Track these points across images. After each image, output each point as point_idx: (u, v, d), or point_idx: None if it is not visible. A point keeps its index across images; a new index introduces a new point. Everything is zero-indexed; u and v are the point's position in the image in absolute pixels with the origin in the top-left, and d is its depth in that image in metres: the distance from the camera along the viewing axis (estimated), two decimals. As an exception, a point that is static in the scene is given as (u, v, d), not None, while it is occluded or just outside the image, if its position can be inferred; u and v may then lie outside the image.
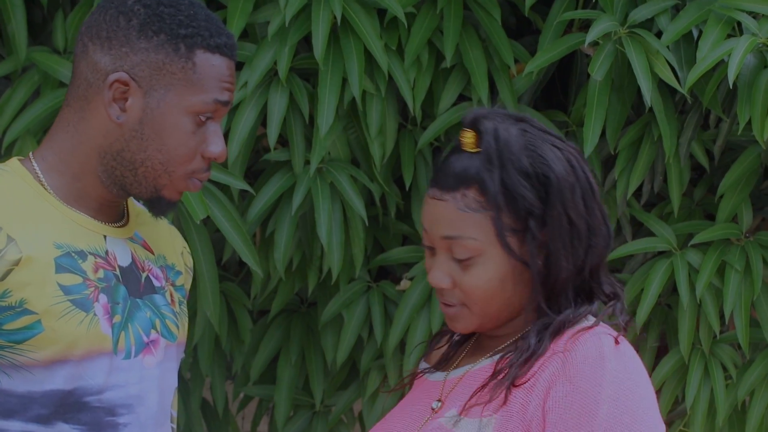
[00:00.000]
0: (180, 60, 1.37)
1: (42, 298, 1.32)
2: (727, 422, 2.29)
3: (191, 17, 1.38)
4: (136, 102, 1.36)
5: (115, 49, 1.36)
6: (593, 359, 1.35)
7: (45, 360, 1.33)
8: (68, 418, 1.34)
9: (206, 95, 1.38)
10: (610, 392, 1.33)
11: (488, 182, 1.38)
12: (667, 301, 2.27)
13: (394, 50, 2.07)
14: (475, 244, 1.40)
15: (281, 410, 2.29)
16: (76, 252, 1.37)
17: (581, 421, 1.32)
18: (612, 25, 1.98)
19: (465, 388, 1.47)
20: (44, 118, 2.06)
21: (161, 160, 1.38)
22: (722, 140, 2.17)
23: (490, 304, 1.43)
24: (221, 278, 2.23)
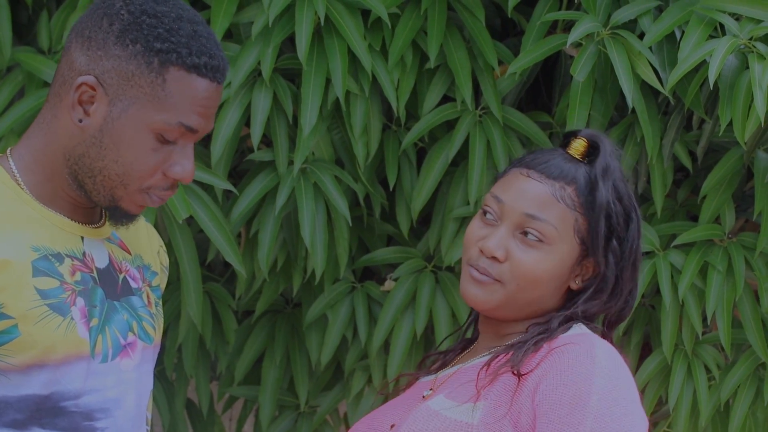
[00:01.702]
0: (150, 74, 1.32)
1: (19, 303, 1.30)
2: (710, 423, 2.29)
3: (172, 31, 1.33)
4: (99, 108, 1.32)
5: (92, 51, 1.33)
6: (584, 356, 1.40)
7: (21, 365, 1.31)
8: (45, 423, 1.33)
9: (170, 116, 1.32)
10: (601, 385, 1.37)
11: (600, 189, 1.47)
12: (651, 302, 2.28)
13: (378, 51, 2.07)
14: (554, 232, 1.46)
15: (266, 411, 2.29)
16: (53, 255, 1.35)
17: (572, 411, 1.35)
18: (594, 26, 1.99)
19: (456, 380, 1.50)
20: (28, 118, 2.06)
21: (117, 172, 1.34)
22: (705, 141, 2.17)
23: (528, 290, 1.48)
24: (206, 279, 2.23)
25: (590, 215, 1.47)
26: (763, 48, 1.94)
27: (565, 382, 1.37)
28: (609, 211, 1.48)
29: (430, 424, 1.41)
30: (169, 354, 2.28)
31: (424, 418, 1.43)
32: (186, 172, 1.35)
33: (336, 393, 2.33)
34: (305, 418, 2.34)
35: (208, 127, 1.37)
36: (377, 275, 2.34)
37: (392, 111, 2.13)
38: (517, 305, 1.49)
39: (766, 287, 2.15)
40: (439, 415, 1.42)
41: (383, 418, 1.54)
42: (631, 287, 1.53)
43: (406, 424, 1.44)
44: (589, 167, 1.49)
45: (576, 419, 1.34)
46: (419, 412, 1.44)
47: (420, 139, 2.18)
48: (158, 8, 1.33)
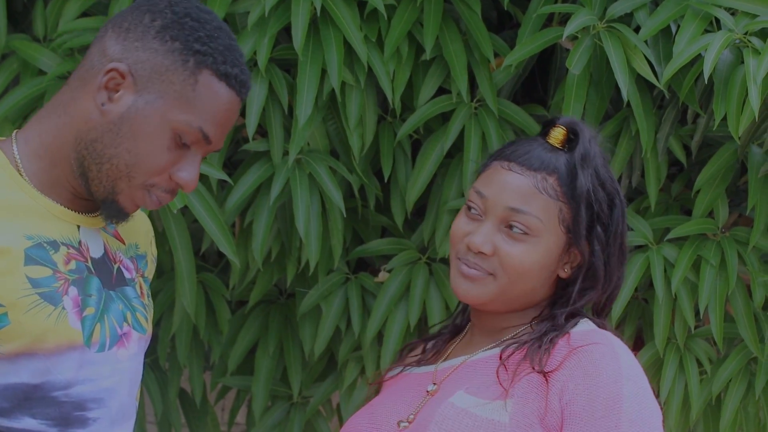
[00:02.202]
0: (184, 72, 1.34)
1: (9, 291, 1.30)
2: (701, 417, 2.30)
3: (211, 38, 1.35)
4: (125, 96, 1.34)
5: (129, 42, 1.34)
6: (609, 356, 1.42)
7: (9, 353, 1.31)
8: (35, 413, 1.32)
9: (193, 118, 1.34)
10: (631, 388, 1.40)
11: (580, 177, 1.47)
12: (644, 295, 2.29)
13: (373, 42, 2.07)
14: (538, 224, 1.47)
15: (259, 401, 2.29)
16: (48, 242, 1.35)
17: (606, 414, 1.38)
18: (590, 19, 1.99)
19: (466, 374, 1.49)
20: (23, 106, 2.06)
21: (127, 162, 1.35)
22: (699, 136, 2.18)
23: (519, 284, 1.49)
24: (200, 269, 2.23)
25: (573, 204, 1.47)
26: (758, 43, 1.95)
27: (596, 383, 1.39)
28: (591, 198, 1.48)
29: (462, 423, 1.41)
30: (162, 343, 2.28)
31: (454, 417, 1.42)
32: (191, 180, 1.37)
33: (329, 384, 2.34)
34: (298, 409, 2.35)
35: (219, 144, 1.39)
36: (371, 266, 2.35)
37: (387, 102, 2.13)
38: (509, 298, 1.50)
39: (758, 282, 2.16)
40: (469, 413, 1.42)
41: (384, 414, 1.52)
42: (620, 273, 1.54)
43: (434, 423, 1.42)
44: (570, 155, 1.49)
45: (612, 422, 1.37)
46: (445, 410, 1.43)
47: (415, 131, 2.18)
48: (201, 15, 1.36)
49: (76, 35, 2.06)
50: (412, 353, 1.65)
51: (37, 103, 2.07)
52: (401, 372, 1.61)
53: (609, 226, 1.50)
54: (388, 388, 1.61)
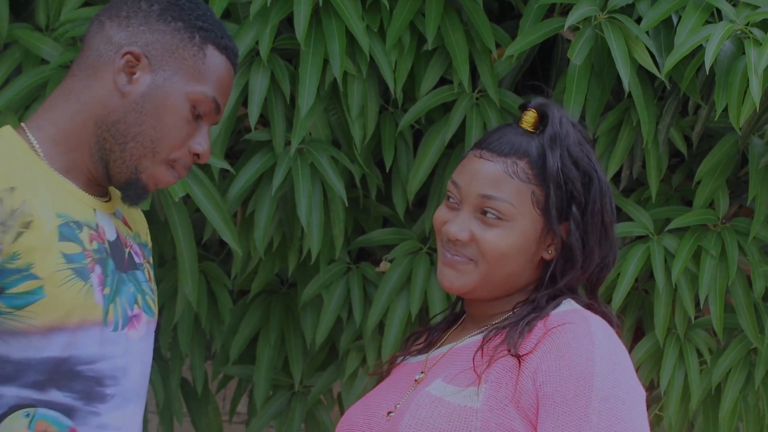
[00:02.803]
0: (193, 48, 1.43)
1: (46, 264, 1.35)
2: (701, 407, 2.31)
3: (207, 16, 1.46)
4: (143, 77, 1.42)
5: (133, 27, 1.43)
6: (582, 336, 1.41)
7: (43, 327, 1.35)
8: (62, 386, 1.37)
9: (207, 89, 1.44)
10: (603, 367, 1.39)
11: (548, 158, 1.47)
12: (645, 286, 2.29)
13: (375, 32, 2.07)
14: (510, 209, 1.47)
15: (260, 390, 2.30)
16: (73, 222, 1.40)
17: (578, 394, 1.37)
18: (592, 10, 1.99)
19: (449, 362, 1.50)
20: (25, 95, 2.06)
21: (152, 138, 1.42)
22: (700, 127, 2.18)
23: (500, 268, 1.49)
24: (202, 258, 2.24)
25: (545, 185, 1.48)
26: (760, 34, 1.95)
27: (568, 364, 1.39)
28: (561, 178, 1.48)
29: (435, 411, 1.42)
30: (164, 333, 2.28)
31: (427, 404, 1.43)
32: (205, 149, 1.46)
33: (330, 373, 2.35)
34: (299, 398, 2.35)
35: (223, 110, 1.48)
36: (373, 256, 2.35)
37: (389, 92, 2.13)
38: (492, 283, 1.50)
39: (758, 272, 2.16)
40: (443, 401, 1.43)
41: (376, 405, 1.53)
42: (607, 251, 1.52)
43: (409, 412, 1.44)
44: (540, 137, 1.50)
45: (583, 402, 1.37)
46: (421, 398, 1.45)
47: (417, 121, 2.18)
48: (195, 1, 1.47)
49: (78, 24, 2.06)
50: (417, 342, 1.66)
51: (39, 92, 2.07)
52: (402, 362, 1.62)
53: (586, 204, 1.49)
54: (388, 378, 1.62)
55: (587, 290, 1.55)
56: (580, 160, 1.50)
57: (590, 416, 1.36)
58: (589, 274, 1.53)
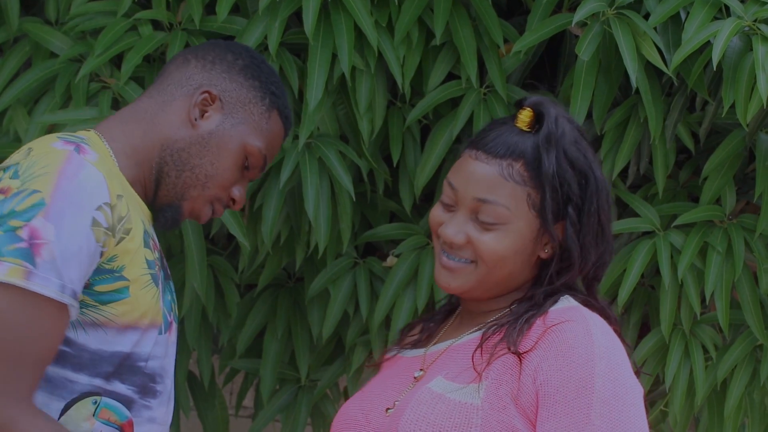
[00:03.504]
0: (262, 107, 1.57)
1: (135, 268, 1.44)
2: (706, 403, 2.31)
3: (279, 86, 1.61)
4: (214, 116, 1.54)
5: (216, 72, 1.56)
6: (582, 335, 1.42)
7: (121, 323, 1.43)
8: (125, 379, 1.45)
9: (263, 146, 1.57)
10: (603, 367, 1.39)
11: (544, 160, 1.46)
12: (651, 282, 2.30)
13: (384, 27, 2.08)
14: (506, 212, 1.47)
15: (267, 384, 2.30)
16: (146, 231, 1.50)
17: (578, 395, 1.38)
18: (600, 6, 1.99)
19: (449, 359, 1.50)
20: (35, 89, 2.08)
21: (207, 173, 1.53)
22: (708, 123, 2.18)
23: (497, 270, 1.49)
24: (209, 252, 2.24)
25: (540, 188, 1.46)
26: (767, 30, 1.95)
27: (568, 364, 1.39)
28: (556, 180, 1.46)
29: (436, 408, 1.42)
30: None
31: (429, 401, 1.43)
32: (241, 196, 1.58)
33: (336, 367, 2.35)
34: (305, 392, 2.36)
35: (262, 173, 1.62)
36: (379, 251, 2.36)
37: (397, 87, 2.13)
38: (489, 284, 1.50)
39: (765, 269, 2.17)
40: (444, 397, 1.43)
41: (374, 400, 1.53)
42: (603, 249, 1.51)
43: (409, 408, 1.44)
44: (536, 137, 1.47)
45: (584, 403, 1.37)
46: (422, 395, 1.45)
47: (424, 116, 2.19)
48: (270, 66, 1.63)
49: (88, 18, 2.07)
50: (411, 333, 1.66)
51: (48, 86, 2.08)
52: (397, 354, 1.62)
53: (582, 205, 1.48)
54: (383, 372, 1.62)
55: (585, 286, 1.55)
56: (576, 160, 1.48)
57: (592, 418, 1.36)
58: (586, 272, 1.53)
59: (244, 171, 1.57)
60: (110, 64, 2.08)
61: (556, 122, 1.48)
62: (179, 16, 2.08)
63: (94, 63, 2.00)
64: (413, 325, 1.67)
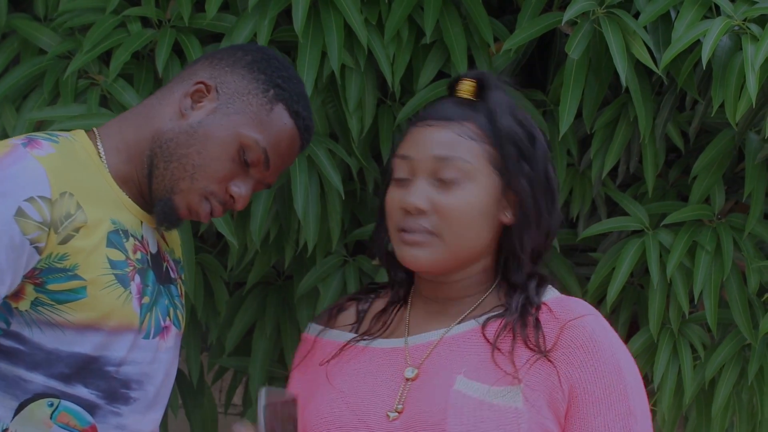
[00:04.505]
0: (263, 99, 1.50)
1: (92, 268, 1.41)
2: (694, 402, 2.32)
3: (291, 80, 1.53)
4: (207, 106, 1.49)
5: (219, 67, 1.52)
6: (600, 329, 1.47)
7: (79, 323, 1.40)
8: (88, 383, 1.42)
9: (261, 138, 1.49)
10: (625, 360, 1.47)
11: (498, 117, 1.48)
12: (640, 281, 2.30)
13: (374, 25, 2.08)
14: (468, 166, 1.47)
15: (256, 382, 2.30)
16: (122, 230, 1.47)
17: (614, 389, 1.43)
18: (590, 5, 1.99)
19: (450, 354, 1.47)
20: (23, 85, 2.07)
21: (195, 163, 1.48)
22: (697, 122, 2.19)
23: (464, 233, 1.47)
24: (198, 250, 2.24)
25: (497, 143, 1.48)
26: (757, 29, 1.95)
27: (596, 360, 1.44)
28: (513, 135, 1.49)
29: (483, 414, 1.39)
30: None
31: (469, 408, 1.40)
32: (242, 198, 1.50)
33: (325, 365, 2.35)
34: (294, 390, 2.36)
35: (275, 176, 1.54)
36: (369, 249, 2.35)
37: (387, 86, 2.13)
38: (457, 254, 1.48)
39: (753, 268, 2.17)
40: (486, 403, 1.41)
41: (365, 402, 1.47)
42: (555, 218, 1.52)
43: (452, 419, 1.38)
44: (483, 103, 1.51)
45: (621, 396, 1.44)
46: (456, 401, 1.41)
47: (414, 115, 2.18)
48: (285, 63, 1.57)
49: (76, 14, 2.06)
50: (344, 315, 1.61)
51: (37, 82, 2.07)
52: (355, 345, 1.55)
53: (534, 162, 1.50)
54: (349, 365, 1.54)
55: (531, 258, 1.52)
56: (524, 120, 1.52)
57: (632, 408, 1.43)
58: (537, 243, 1.52)
59: (243, 166, 1.50)
60: (99, 61, 2.07)
61: (499, 88, 1.54)
62: (168, 14, 2.07)
63: (82, 60, 1.99)
64: (343, 307, 1.61)
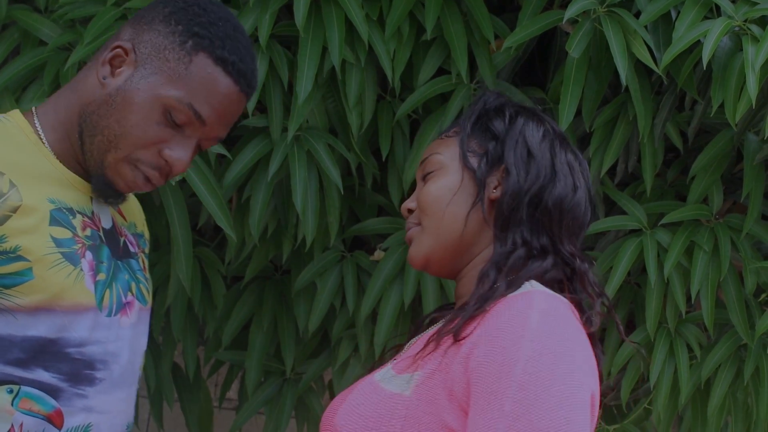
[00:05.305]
0: (180, 52, 1.40)
1: (36, 247, 1.36)
2: (690, 401, 2.32)
3: (213, 25, 1.42)
4: (125, 72, 1.41)
5: (139, 26, 1.43)
6: (516, 317, 1.33)
7: (29, 306, 1.36)
8: (48, 367, 1.38)
9: (183, 95, 1.39)
10: (529, 350, 1.29)
11: (472, 110, 1.55)
12: (637, 280, 2.30)
13: (375, 21, 2.08)
14: (439, 158, 1.54)
15: (252, 376, 2.30)
16: (66, 209, 1.42)
17: (499, 378, 1.28)
18: (591, 3, 1.99)
19: (411, 349, 1.50)
20: (23, 76, 2.06)
21: (116, 133, 1.40)
22: (696, 122, 2.19)
23: (438, 214, 1.50)
24: (196, 243, 2.24)
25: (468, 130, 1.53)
26: (758, 30, 1.95)
27: (495, 347, 1.31)
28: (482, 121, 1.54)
29: (369, 398, 1.39)
30: (157, 317, 2.29)
31: (365, 391, 1.41)
32: (178, 159, 1.41)
33: (322, 360, 2.35)
34: (290, 385, 2.36)
35: (220, 130, 1.44)
36: (367, 245, 2.36)
37: (387, 82, 2.13)
38: (440, 239, 1.49)
39: (750, 269, 2.17)
40: (378, 387, 1.40)
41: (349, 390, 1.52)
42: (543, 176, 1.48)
43: (350, 397, 1.42)
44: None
45: (501, 388, 1.28)
46: (365, 384, 1.44)
47: (414, 111, 2.19)
48: (210, 6, 1.44)
49: (77, 6, 2.06)
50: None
51: (37, 74, 2.07)
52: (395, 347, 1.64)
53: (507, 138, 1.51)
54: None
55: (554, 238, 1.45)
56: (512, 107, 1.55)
57: (504, 403, 1.26)
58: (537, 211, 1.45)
59: (175, 128, 1.40)
60: (99, 53, 2.07)
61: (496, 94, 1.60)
62: (169, 6, 2.07)
63: (83, 51, 1.99)
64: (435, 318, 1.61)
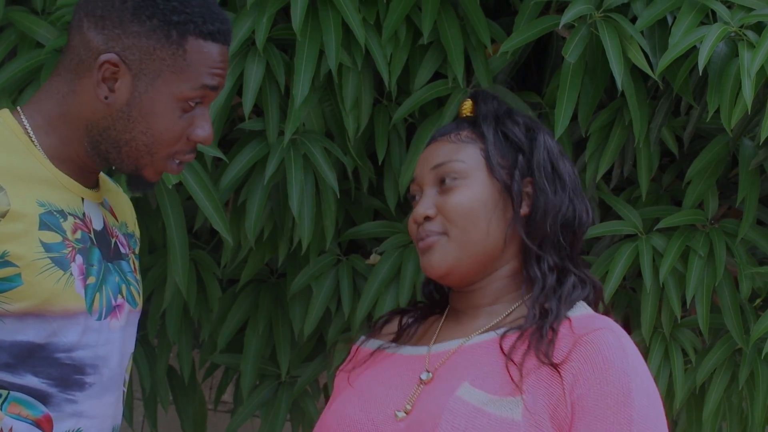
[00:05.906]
0: (171, 46, 1.38)
1: (24, 252, 1.35)
2: (685, 406, 2.32)
3: (185, 3, 1.39)
4: (124, 84, 1.39)
5: (108, 30, 1.38)
6: (616, 349, 1.42)
7: (18, 312, 1.35)
8: (38, 372, 1.37)
9: (195, 81, 1.40)
10: (639, 381, 1.41)
11: (485, 116, 1.53)
12: (632, 284, 2.31)
13: (372, 25, 2.08)
14: (463, 166, 1.51)
15: (247, 379, 2.30)
16: (57, 211, 1.40)
17: (618, 410, 1.38)
18: (587, 8, 2.00)
19: (464, 362, 1.47)
20: (20, 78, 2.06)
21: (146, 142, 1.41)
22: (692, 127, 2.19)
23: (470, 227, 1.49)
24: (192, 246, 2.24)
25: (491, 139, 1.52)
26: (754, 36, 1.96)
27: (605, 378, 1.40)
28: (505, 131, 1.52)
29: (475, 422, 1.39)
30: (152, 320, 2.29)
31: (465, 413, 1.40)
32: (207, 134, 1.43)
33: (317, 364, 2.35)
34: (285, 388, 2.36)
35: (223, 83, 1.45)
36: (363, 249, 2.36)
37: (384, 85, 2.13)
38: (467, 251, 1.49)
39: (745, 274, 2.18)
40: (482, 411, 1.40)
41: (377, 403, 1.48)
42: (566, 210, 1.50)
43: (445, 421, 1.39)
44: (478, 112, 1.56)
45: (624, 418, 1.38)
46: (454, 405, 1.41)
47: (410, 115, 2.19)
48: None
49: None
50: (387, 327, 1.63)
51: (34, 76, 2.07)
52: (383, 351, 1.58)
53: (533, 154, 1.51)
54: (373, 369, 1.57)
55: (569, 258, 1.52)
56: (517, 114, 1.55)
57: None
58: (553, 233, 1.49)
59: (192, 110, 1.41)
60: (96, 56, 2.07)
61: (494, 98, 1.58)
62: (166, 9, 2.07)
63: (79, 54, 1.99)
64: (390, 318, 1.64)
